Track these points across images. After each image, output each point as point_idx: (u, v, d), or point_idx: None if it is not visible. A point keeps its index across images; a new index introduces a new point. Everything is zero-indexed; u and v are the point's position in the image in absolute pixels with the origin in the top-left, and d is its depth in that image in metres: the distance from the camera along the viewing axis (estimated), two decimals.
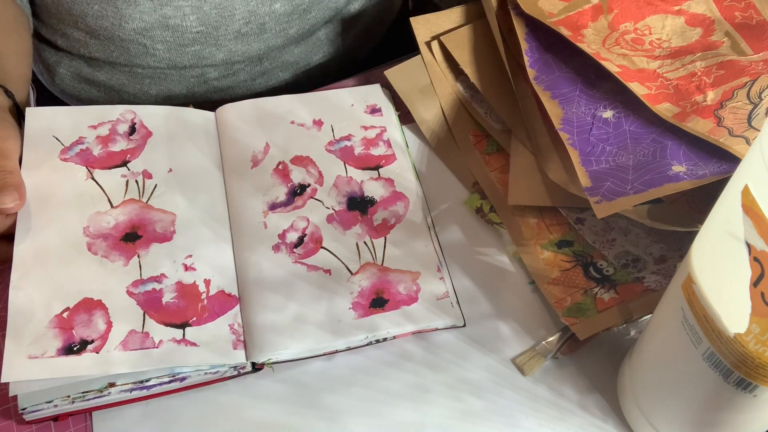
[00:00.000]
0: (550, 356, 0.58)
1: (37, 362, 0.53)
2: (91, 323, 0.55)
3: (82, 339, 0.54)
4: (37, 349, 0.53)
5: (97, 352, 0.54)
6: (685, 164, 0.59)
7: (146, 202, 0.62)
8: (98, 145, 0.64)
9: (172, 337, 0.55)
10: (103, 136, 0.65)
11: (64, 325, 0.55)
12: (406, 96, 0.71)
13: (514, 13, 0.70)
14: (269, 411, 0.56)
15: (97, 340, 0.54)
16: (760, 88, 0.61)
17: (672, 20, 0.69)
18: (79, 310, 0.56)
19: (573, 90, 0.66)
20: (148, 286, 0.58)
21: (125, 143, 0.65)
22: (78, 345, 0.54)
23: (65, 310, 0.55)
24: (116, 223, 0.60)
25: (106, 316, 0.56)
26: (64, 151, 0.63)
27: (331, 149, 0.68)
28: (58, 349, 0.53)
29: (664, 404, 0.51)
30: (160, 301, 0.57)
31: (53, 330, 0.54)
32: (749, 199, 0.38)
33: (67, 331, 0.54)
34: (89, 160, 0.63)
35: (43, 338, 0.54)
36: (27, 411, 0.52)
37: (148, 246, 0.60)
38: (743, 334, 0.41)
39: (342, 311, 0.58)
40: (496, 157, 0.68)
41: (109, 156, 0.64)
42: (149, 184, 0.63)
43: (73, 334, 0.54)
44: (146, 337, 0.55)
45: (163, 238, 0.60)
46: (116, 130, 0.66)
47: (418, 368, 0.58)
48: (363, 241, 0.62)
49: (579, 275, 0.61)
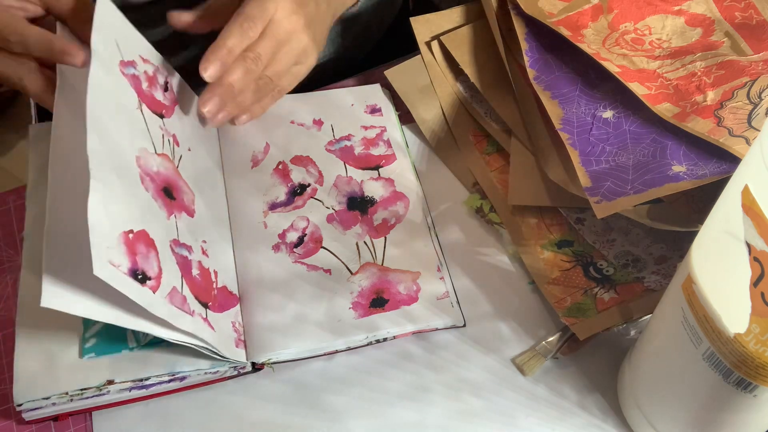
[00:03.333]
0: (550, 356, 0.58)
1: (116, 272, 0.46)
2: (148, 259, 0.50)
3: (143, 271, 0.49)
4: (116, 258, 0.47)
5: (154, 291, 0.49)
6: (685, 164, 0.59)
7: (176, 167, 0.58)
8: (146, 81, 0.60)
9: (200, 312, 0.53)
10: (150, 75, 0.60)
11: (131, 247, 0.49)
12: (406, 96, 0.71)
13: (514, 13, 0.70)
14: (269, 411, 0.56)
15: (154, 280, 0.49)
16: (760, 88, 0.61)
17: (672, 20, 0.69)
18: (140, 238, 0.50)
19: (573, 90, 0.66)
20: (183, 251, 0.54)
21: (161, 96, 0.61)
22: (141, 275, 0.49)
23: (130, 232, 0.49)
24: (158, 170, 0.56)
25: (158, 260, 0.50)
26: (123, 63, 0.57)
27: (331, 149, 0.68)
28: (128, 269, 0.48)
29: (664, 404, 0.51)
30: (191, 272, 0.54)
31: (123, 246, 0.48)
32: (749, 199, 0.38)
33: (132, 254, 0.48)
34: (139, 90, 0.58)
35: (117, 249, 0.47)
36: (26, 410, 0.52)
37: (181, 212, 0.57)
38: (743, 334, 0.41)
39: (342, 311, 0.58)
40: (496, 157, 0.68)
41: (153, 99, 0.59)
42: (177, 152, 0.59)
43: (137, 261, 0.49)
44: (184, 300, 0.52)
45: (189, 212, 0.58)
46: (157, 77, 0.61)
47: (418, 368, 0.58)
48: (363, 241, 0.62)
49: (579, 275, 0.61)
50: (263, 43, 0.60)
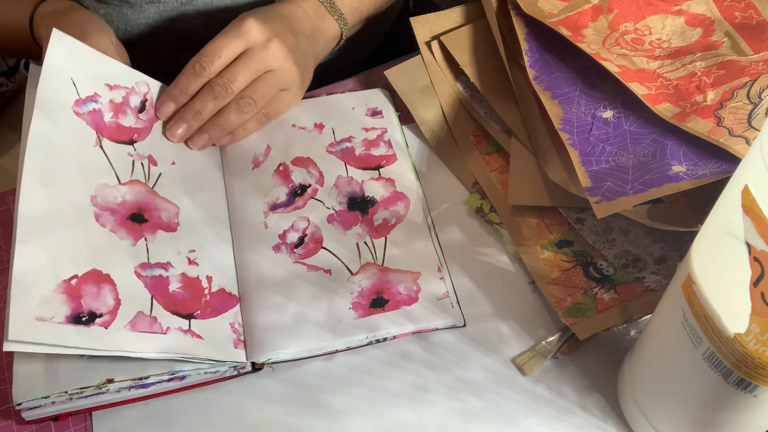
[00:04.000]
0: (550, 356, 0.58)
1: (46, 326, 0.48)
2: (99, 296, 0.51)
3: (90, 311, 0.50)
4: (46, 312, 0.49)
5: (106, 327, 0.50)
6: (685, 164, 0.59)
7: (152, 188, 0.60)
8: (110, 111, 0.61)
9: (179, 326, 0.54)
10: (117, 102, 0.62)
11: (72, 292, 0.51)
12: (406, 96, 0.71)
13: (514, 13, 0.70)
14: (269, 411, 0.56)
15: (106, 315, 0.51)
16: (760, 88, 0.61)
17: (672, 20, 0.69)
18: (87, 279, 0.52)
19: (573, 90, 0.66)
20: (155, 271, 0.55)
21: (134, 120, 0.62)
22: (87, 316, 0.50)
23: (73, 277, 0.51)
24: (123, 200, 0.58)
25: (115, 293, 0.52)
26: (78, 102, 0.59)
27: (332, 150, 0.68)
28: (66, 316, 0.50)
29: (664, 404, 0.51)
30: (167, 288, 0.55)
31: (61, 295, 0.50)
32: (749, 199, 0.38)
33: (75, 299, 0.50)
34: (99, 125, 0.60)
35: (52, 302, 0.49)
36: (25, 409, 0.52)
37: (154, 231, 0.58)
38: (743, 334, 0.41)
39: (342, 311, 0.58)
40: (496, 157, 0.68)
41: (119, 129, 0.61)
42: (154, 171, 0.61)
43: (82, 303, 0.50)
44: (154, 321, 0.53)
45: (168, 227, 0.59)
46: (128, 101, 0.62)
47: (418, 368, 0.58)
48: (363, 241, 0.62)
49: (579, 275, 0.61)
50: (235, 68, 0.63)
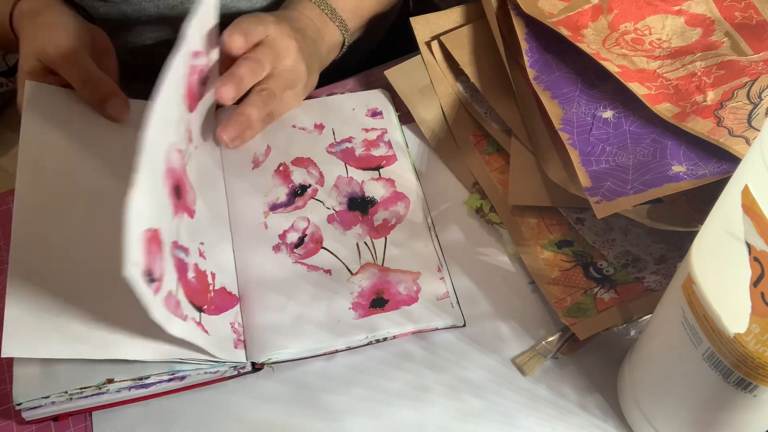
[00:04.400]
0: (550, 356, 0.58)
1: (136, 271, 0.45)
2: (156, 260, 0.48)
3: (152, 271, 0.47)
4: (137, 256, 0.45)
5: (155, 293, 0.47)
6: (685, 164, 0.59)
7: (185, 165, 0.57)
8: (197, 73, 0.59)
9: (194, 316, 0.53)
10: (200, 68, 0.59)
11: (147, 246, 0.47)
12: (406, 96, 0.71)
13: (514, 13, 0.70)
14: (269, 411, 0.56)
15: (158, 282, 0.48)
16: (760, 88, 0.61)
17: (672, 20, 0.69)
18: (154, 238, 0.48)
19: (573, 90, 0.66)
20: (179, 254, 0.53)
21: (197, 90, 0.60)
22: (150, 276, 0.47)
23: (148, 230, 0.47)
24: (175, 167, 0.54)
25: (162, 262, 0.49)
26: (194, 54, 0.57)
27: (332, 151, 0.68)
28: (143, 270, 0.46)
29: (664, 404, 0.51)
30: (187, 275, 0.53)
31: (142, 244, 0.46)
32: (749, 199, 0.38)
33: (147, 254, 0.47)
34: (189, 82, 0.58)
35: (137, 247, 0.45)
36: (26, 409, 0.52)
37: (183, 212, 0.55)
38: (743, 334, 0.41)
39: (342, 311, 0.58)
40: (496, 157, 0.68)
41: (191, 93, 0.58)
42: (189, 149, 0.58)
43: (150, 261, 0.47)
44: (178, 305, 0.51)
45: (190, 212, 0.57)
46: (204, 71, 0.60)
47: (418, 368, 0.58)
48: (363, 241, 0.62)
49: (579, 275, 0.61)
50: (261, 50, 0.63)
